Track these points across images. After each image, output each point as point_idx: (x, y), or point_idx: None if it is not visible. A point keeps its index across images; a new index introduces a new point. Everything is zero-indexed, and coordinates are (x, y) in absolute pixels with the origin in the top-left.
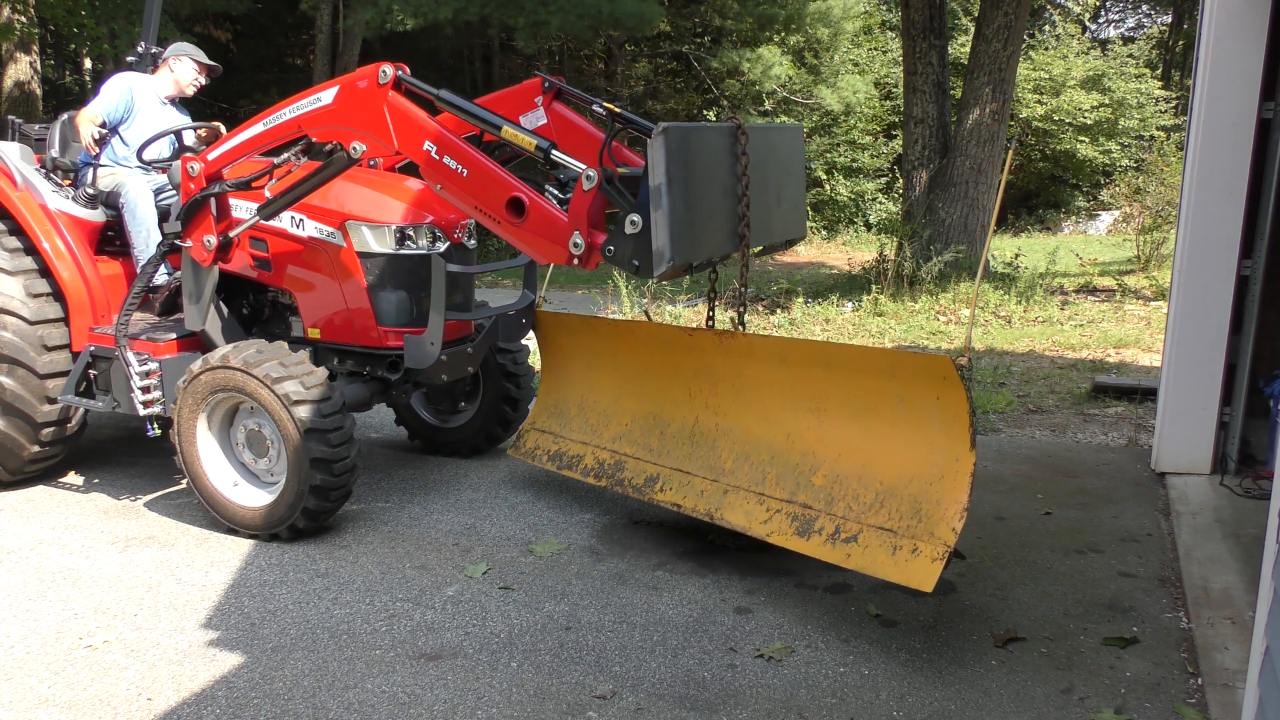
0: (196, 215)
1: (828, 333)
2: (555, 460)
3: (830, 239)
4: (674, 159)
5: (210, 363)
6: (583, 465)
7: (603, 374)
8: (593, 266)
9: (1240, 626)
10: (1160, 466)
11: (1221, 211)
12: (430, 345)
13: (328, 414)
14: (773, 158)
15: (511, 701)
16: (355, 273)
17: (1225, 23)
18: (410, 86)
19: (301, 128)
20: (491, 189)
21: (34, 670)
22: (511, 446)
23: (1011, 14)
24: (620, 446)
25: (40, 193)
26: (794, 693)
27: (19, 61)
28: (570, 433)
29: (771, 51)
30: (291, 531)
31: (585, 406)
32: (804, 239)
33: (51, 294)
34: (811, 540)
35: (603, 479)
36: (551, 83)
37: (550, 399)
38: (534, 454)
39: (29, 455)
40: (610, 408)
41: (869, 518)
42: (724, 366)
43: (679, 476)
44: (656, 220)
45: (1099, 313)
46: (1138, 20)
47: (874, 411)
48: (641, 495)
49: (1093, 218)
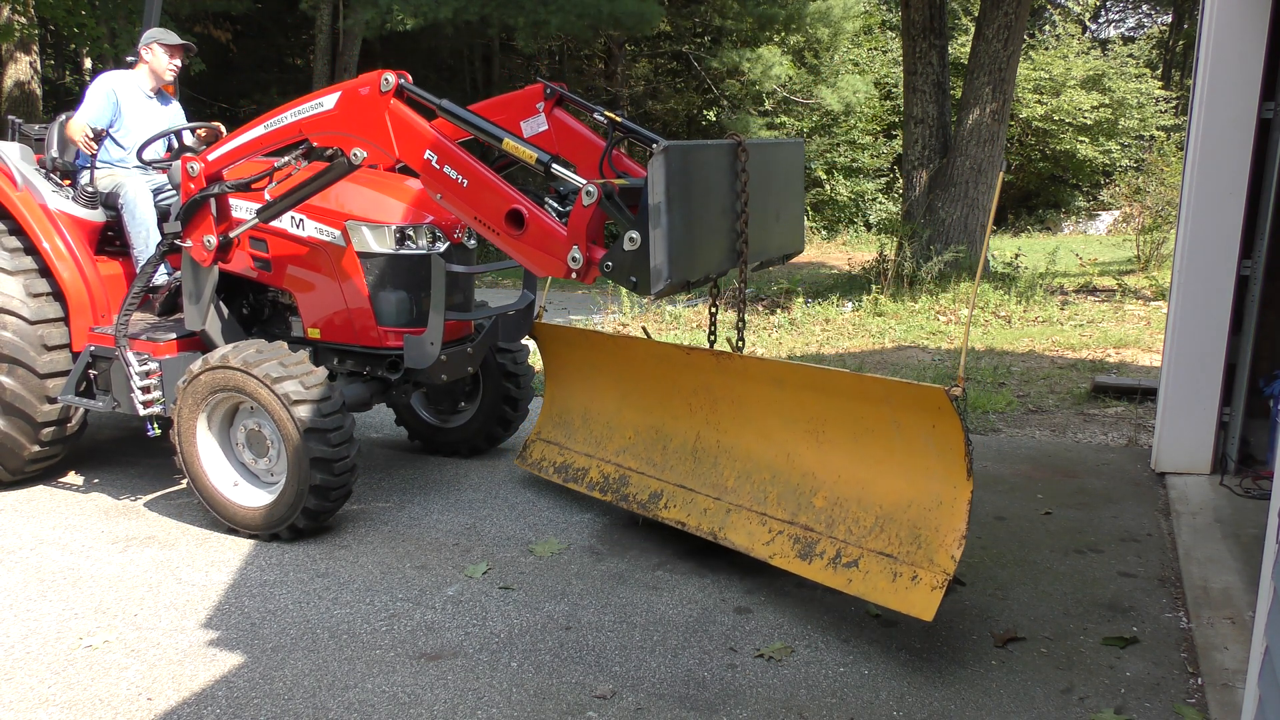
0: (196, 215)
1: (828, 333)
2: (561, 473)
3: (830, 239)
4: (674, 178)
5: (210, 363)
6: (588, 479)
7: (605, 385)
8: (590, 281)
9: (1240, 626)
10: (1160, 466)
11: (1221, 211)
12: (430, 345)
13: (327, 414)
14: (773, 174)
15: (511, 701)
16: (355, 273)
17: (1225, 23)
18: (412, 95)
19: (303, 132)
20: (491, 200)
21: (34, 670)
22: (518, 456)
23: (1012, 14)
24: (624, 460)
25: (40, 193)
26: (794, 693)
27: (19, 61)
28: (575, 444)
29: (771, 51)
30: (292, 531)
31: (589, 418)
32: (801, 253)
33: (51, 294)
34: (813, 564)
35: (608, 494)
36: (553, 89)
37: (554, 409)
38: (540, 465)
39: (29, 455)
40: (614, 419)
41: (869, 542)
42: (722, 385)
43: (682, 494)
44: (655, 239)
45: (1099, 313)
46: (1138, 20)
47: (871, 436)
48: (646, 512)
49: (1093, 218)
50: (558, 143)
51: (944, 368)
